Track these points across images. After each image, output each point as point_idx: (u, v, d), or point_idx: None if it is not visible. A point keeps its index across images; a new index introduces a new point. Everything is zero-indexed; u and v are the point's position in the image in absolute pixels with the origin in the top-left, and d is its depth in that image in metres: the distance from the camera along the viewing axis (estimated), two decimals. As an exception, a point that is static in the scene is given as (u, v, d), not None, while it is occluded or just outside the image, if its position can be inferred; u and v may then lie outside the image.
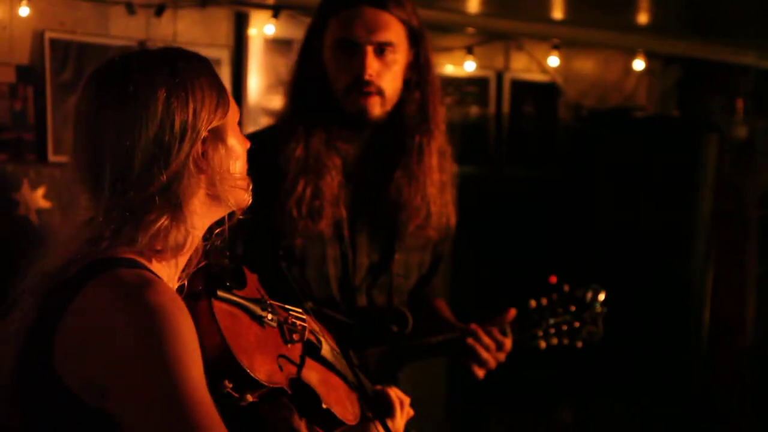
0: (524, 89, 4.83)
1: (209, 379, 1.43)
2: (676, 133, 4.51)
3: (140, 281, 1.43)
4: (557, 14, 4.48)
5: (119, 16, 3.69)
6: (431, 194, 2.38)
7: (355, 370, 1.80)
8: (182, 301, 1.46)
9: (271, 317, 1.65)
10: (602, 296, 2.47)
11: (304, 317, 1.74)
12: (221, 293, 1.58)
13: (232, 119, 1.58)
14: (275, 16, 3.95)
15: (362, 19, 2.29)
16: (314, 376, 1.71)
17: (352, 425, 1.75)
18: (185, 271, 1.58)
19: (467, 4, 4.27)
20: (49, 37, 3.52)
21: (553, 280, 4.30)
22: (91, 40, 3.62)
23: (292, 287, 2.31)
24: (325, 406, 1.68)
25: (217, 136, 1.54)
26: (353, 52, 2.29)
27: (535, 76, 4.84)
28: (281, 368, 1.62)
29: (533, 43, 4.75)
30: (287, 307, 1.73)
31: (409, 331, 2.42)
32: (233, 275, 1.64)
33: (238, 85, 3.93)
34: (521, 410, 4.48)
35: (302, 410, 1.67)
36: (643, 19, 4.51)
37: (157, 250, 1.50)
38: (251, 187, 1.62)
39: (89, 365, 1.41)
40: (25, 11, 3.44)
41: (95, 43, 3.62)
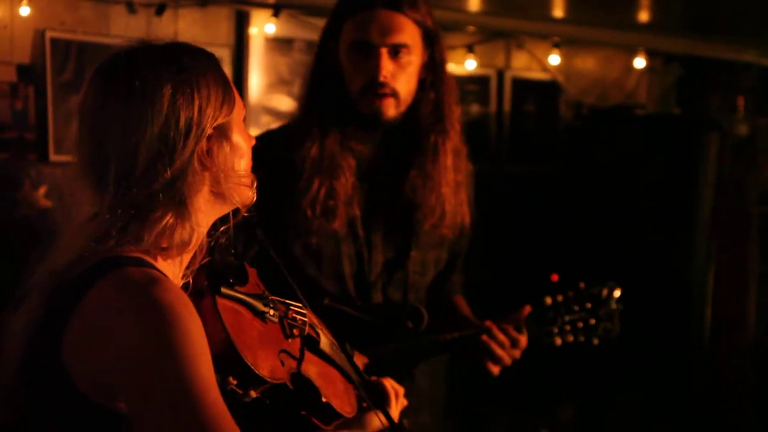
0: (525, 87, 4.83)
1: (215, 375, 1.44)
2: (676, 130, 4.51)
3: (147, 280, 1.42)
4: (558, 12, 4.48)
5: (120, 15, 3.69)
6: (445, 194, 2.40)
7: (352, 362, 1.82)
8: (189, 298, 1.46)
9: (272, 313, 1.66)
10: (617, 293, 2.47)
11: (303, 311, 1.76)
12: (225, 290, 1.59)
13: (237, 116, 1.57)
14: (276, 15, 3.95)
15: (377, 21, 2.30)
16: (313, 369, 1.72)
17: (350, 417, 1.77)
18: (189, 268, 1.59)
19: (468, 2, 4.27)
20: (49, 36, 3.52)
21: (554, 278, 4.30)
22: (91, 39, 3.62)
23: (307, 285, 2.35)
24: (324, 399, 1.70)
25: (222, 133, 1.53)
26: (368, 53, 2.31)
27: (535, 74, 4.84)
28: (283, 363, 1.64)
29: (534, 41, 4.75)
30: (287, 301, 1.75)
31: (424, 327, 2.43)
32: (235, 271, 1.64)
33: (238, 84, 3.94)
34: (522, 408, 4.48)
35: (302, 404, 1.69)
36: (643, 17, 4.51)
37: (162, 247, 1.50)
38: (255, 184, 1.62)
39: (98, 364, 1.41)
40: (25, 10, 3.45)
41: (96, 42, 3.62)
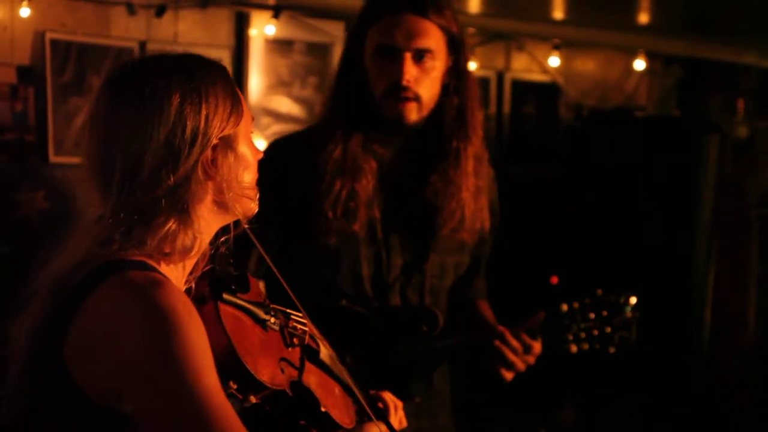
0: (525, 89, 4.84)
1: None
2: (676, 132, 4.51)
3: (150, 282, 1.44)
4: (558, 14, 4.48)
5: (120, 16, 3.69)
6: (466, 199, 2.41)
7: (351, 374, 1.82)
8: (191, 302, 1.48)
9: (273, 321, 1.67)
10: (633, 300, 2.45)
11: (304, 321, 1.76)
12: (227, 296, 1.61)
13: (244, 128, 1.59)
14: (276, 16, 3.95)
15: (402, 25, 2.31)
16: (313, 379, 1.73)
17: (349, 428, 1.77)
18: (192, 274, 1.61)
19: (468, 4, 4.27)
20: (49, 37, 3.52)
21: (554, 280, 4.29)
22: (91, 40, 3.62)
23: (324, 286, 2.38)
24: (323, 409, 1.70)
25: (227, 144, 1.55)
26: (393, 57, 2.32)
27: (535, 76, 4.85)
28: (283, 371, 1.64)
29: (534, 43, 4.76)
30: (288, 311, 1.75)
31: (439, 331, 2.43)
32: (237, 279, 1.66)
33: (238, 85, 3.93)
34: (522, 410, 4.48)
35: (301, 413, 1.69)
36: (643, 19, 4.52)
37: (165, 252, 1.51)
38: (258, 196, 1.63)
39: (101, 367, 1.43)
40: (25, 12, 3.45)
41: (96, 43, 3.63)
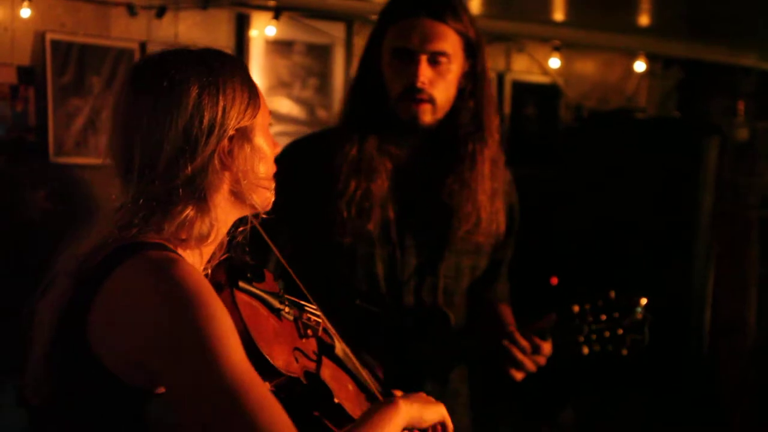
0: (525, 91, 4.83)
1: None
2: (677, 134, 4.50)
3: (168, 260, 1.48)
4: (558, 16, 4.48)
5: (120, 17, 3.70)
6: (482, 201, 2.44)
7: (366, 372, 1.84)
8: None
9: (288, 310, 1.71)
10: (644, 301, 2.45)
11: (318, 314, 1.78)
12: (242, 284, 1.64)
13: (261, 121, 1.63)
14: (276, 17, 3.95)
15: (419, 28, 2.35)
16: (326, 371, 1.74)
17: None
18: (209, 262, 1.65)
19: (468, 5, 4.27)
20: (50, 38, 3.52)
21: (554, 281, 4.29)
22: (92, 41, 3.63)
23: (339, 285, 2.40)
24: (336, 400, 1.71)
25: (244, 135, 1.59)
26: (409, 60, 2.35)
27: (536, 77, 4.85)
28: (297, 360, 1.66)
29: (534, 44, 4.76)
30: (302, 303, 1.78)
31: (450, 331, 2.46)
32: (253, 269, 1.69)
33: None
34: (525, 411, 4.48)
35: (315, 403, 1.70)
36: (644, 20, 4.52)
37: (182, 239, 1.56)
38: (274, 187, 1.67)
39: (124, 342, 1.46)
40: (26, 12, 3.45)
41: (96, 44, 3.63)
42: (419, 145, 2.45)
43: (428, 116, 2.37)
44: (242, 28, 3.97)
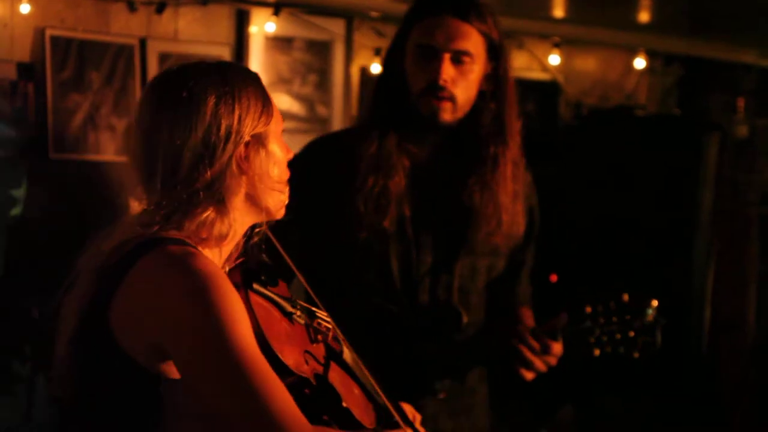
0: (525, 88, 4.79)
1: None
2: (677, 131, 4.50)
3: (187, 253, 1.59)
4: (558, 12, 4.48)
5: (120, 13, 3.69)
6: (504, 203, 2.46)
7: (375, 381, 1.87)
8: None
9: (299, 314, 1.78)
10: (655, 303, 2.45)
11: (329, 320, 1.84)
12: (256, 286, 1.73)
13: (275, 128, 1.73)
14: (276, 13, 3.95)
15: (443, 27, 2.38)
16: (335, 377, 1.79)
17: (369, 430, 1.81)
18: (226, 262, 1.75)
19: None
20: (49, 34, 3.51)
21: (553, 278, 4.28)
22: (91, 37, 3.61)
23: (355, 281, 2.43)
24: (345, 404, 1.75)
25: (259, 141, 1.69)
26: (432, 57, 2.38)
27: (535, 74, 4.84)
28: (307, 362, 1.72)
29: (534, 41, 4.75)
30: (313, 309, 1.84)
31: (462, 328, 2.47)
32: (267, 271, 1.77)
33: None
34: (521, 409, 4.48)
35: (323, 406, 1.73)
36: (644, 17, 4.51)
37: (203, 237, 1.66)
38: (287, 190, 1.77)
39: (145, 328, 1.57)
40: (26, 8, 3.44)
41: (96, 40, 3.62)
42: (439, 144, 2.48)
43: (448, 114, 2.40)
44: (242, 24, 3.96)
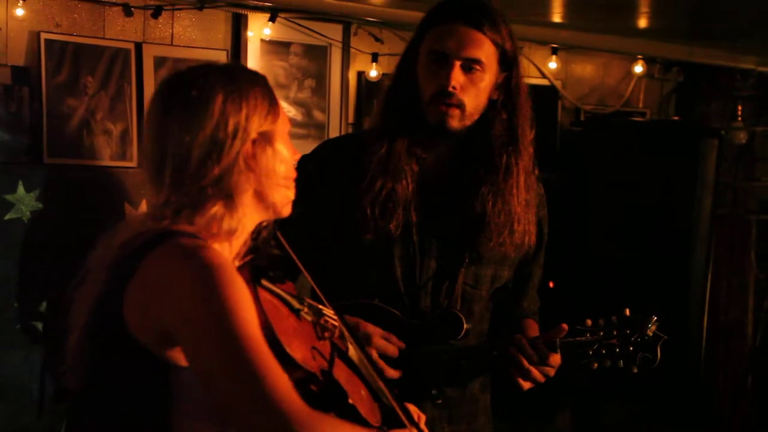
0: (523, 93, 4.81)
1: None
2: (675, 137, 4.50)
3: (198, 245, 1.65)
4: (557, 18, 4.47)
5: (116, 17, 3.68)
6: (517, 212, 2.46)
7: (381, 381, 1.89)
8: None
9: (306, 311, 1.82)
10: (654, 319, 2.45)
11: (335, 318, 1.87)
12: (265, 282, 1.77)
13: (281, 127, 1.79)
14: (272, 18, 3.93)
15: (455, 34, 2.38)
16: (341, 374, 1.82)
17: (375, 428, 1.82)
18: (236, 259, 1.80)
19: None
20: (44, 38, 3.50)
21: (550, 285, 4.26)
22: (87, 41, 3.61)
23: (359, 283, 2.42)
24: (351, 401, 1.78)
25: (265, 139, 1.75)
26: (443, 64, 2.39)
27: (534, 80, 4.82)
28: (314, 358, 1.76)
29: (532, 47, 4.74)
30: (320, 307, 1.86)
31: (461, 336, 2.45)
32: (275, 268, 1.81)
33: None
34: (519, 413, 4.46)
35: (330, 403, 1.75)
36: (642, 23, 4.50)
37: (213, 232, 1.71)
38: (293, 187, 1.83)
39: (154, 315, 1.62)
40: (20, 12, 3.44)
41: (91, 44, 3.61)
42: (449, 150, 2.48)
43: (456, 121, 2.40)
44: (238, 28, 3.95)
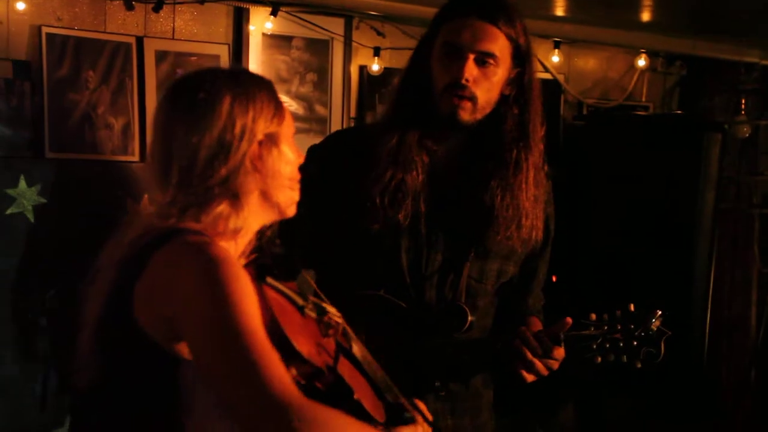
0: (526, 87, 4.79)
1: None
2: (678, 131, 4.48)
3: (204, 242, 1.68)
4: (559, 12, 4.45)
5: (117, 11, 3.67)
6: (526, 208, 2.48)
7: (385, 379, 1.92)
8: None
9: (311, 307, 1.84)
10: (659, 313, 2.45)
11: (338, 315, 1.89)
12: (270, 280, 1.80)
13: (286, 130, 1.84)
14: (274, 12, 3.92)
15: (470, 28, 2.40)
16: (346, 371, 1.83)
17: (380, 423, 1.83)
18: (241, 258, 1.83)
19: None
20: (46, 32, 3.50)
21: (553, 279, 4.25)
22: (88, 35, 3.60)
23: (365, 273, 2.44)
24: (356, 397, 1.79)
25: (271, 140, 1.79)
26: (456, 56, 2.40)
27: (537, 74, 4.81)
28: (319, 354, 1.77)
29: (535, 40, 4.68)
30: (324, 305, 1.88)
31: (465, 328, 2.47)
32: (280, 266, 1.83)
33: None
34: (522, 407, 4.46)
35: (336, 400, 1.76)
36: (645, 16, 4.49)
37: (219, 231, 1.75)
38: (298, 188, 1.87)
39: (162, 309, 1.65)
40: (21, 6, 3.44)
41: (93, 38, 3.61)
42: (460, 143, 2.49)
43: (467, 114, 2.41)
44: (240, 22, 3.94)
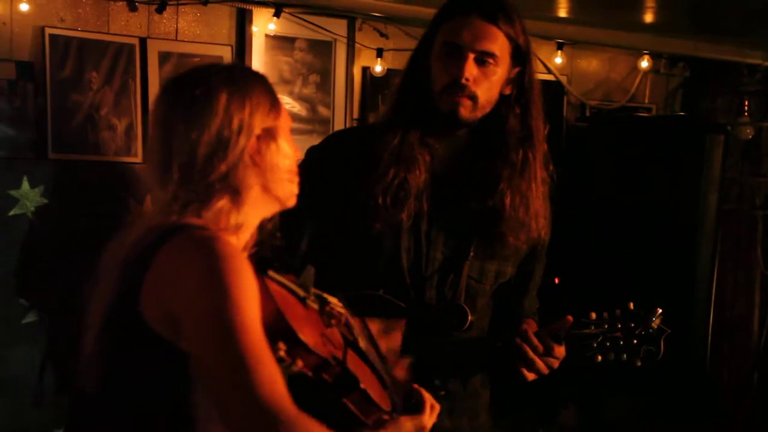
0: (529, 88, 4.79)
1: None
2: (681, 132, 4.48)
3: (209, 236, 1.70)
4: (562, 13, 4.45)
5: (120, 12, 3.67)
6: (536, 208, 2.49)
7: (388, 368, 1.94)
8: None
9: (313, 299, 1.86)
10: (659, 311, 2.46)
11: (341, 305, 1.91)
12: (272, 273, 1.81)
13: (283, 125, 1.86)
14: (277, 13, 3.92)
15: (470, 27, 2.41)
16: (351, 361, 1.84)
17: (386, 412, 1.85)
18: (243, 251, 1.83)
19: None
20: (49, 33, 3.50)
21: (555, 280, 4.25)
22: (91, 36, 3.60)
23: (365, 272, 2.43)
24: (363, 386, 1.79)
25: (269, 134, 1.81)
26: (456, 56, 2.41)
27: (539, 75, 4.79)
28: (324, 344, 1.78)
29: (538, 42, 4.72)
30: (325, 296, 1.90)
31: (466, 327, 2.47)
32: (281, 261, 1.85)
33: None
34: (523, 406, 4.46)
35: (343, 390, 1.78)
36: (648, 18, 4.48)
37: (220, 226, 1.76)
38: (297, 180, 1.89)
39: (167, 304, 1.67)
40: (25, 7, 3.44)
41: (96, 39, 3.61)
42: (462, 143, 2.49)
43: (467, 111, 2.41)
44: (243, 23, 3.94)
